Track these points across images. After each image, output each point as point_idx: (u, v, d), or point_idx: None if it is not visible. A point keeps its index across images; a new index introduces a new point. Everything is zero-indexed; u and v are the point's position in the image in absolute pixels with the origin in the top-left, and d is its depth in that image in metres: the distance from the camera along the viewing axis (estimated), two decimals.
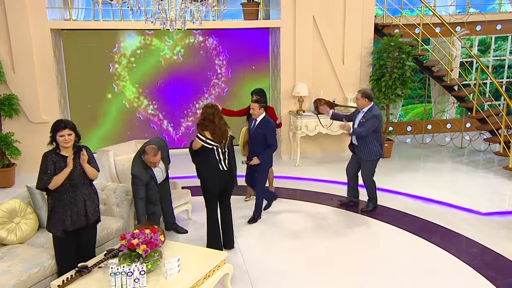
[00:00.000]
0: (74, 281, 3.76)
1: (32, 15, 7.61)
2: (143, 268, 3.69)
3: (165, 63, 9.11)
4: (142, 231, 3.99)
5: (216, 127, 4.78)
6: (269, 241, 5.51)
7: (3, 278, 3.84)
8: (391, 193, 7.17)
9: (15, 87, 7.69)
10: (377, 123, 5.96)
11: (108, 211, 5.20)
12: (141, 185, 4.94)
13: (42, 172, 3.88)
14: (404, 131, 10.58)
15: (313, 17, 8.48)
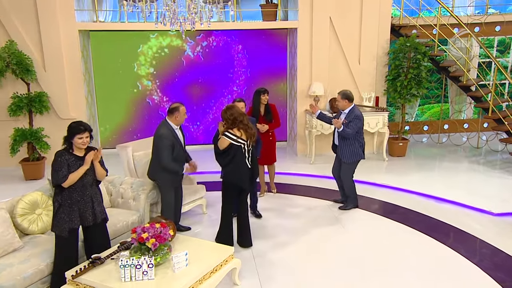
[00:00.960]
0: (87, 271, 3.77)
1: (61, 17, 7.71)
2: (151, 261, 3.67)
3: (187, 62, 9.10)
4: (152, 225, 3.97)
5: (246, 125, 4.74)
6: (280, 237, 5.41)
7: (23, 266, 3.88)
8: (404, 191, 6.96)
9: (46, 85, 7.82)
10: (359, 123, 5.82)
11: (125, 205, 5.21)
12: (168, 146, 4.81)
13: (56, 169, 3.85)
14: (420, 130, 10.28)
15: (329, 18, 8.31)
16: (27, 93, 7.48)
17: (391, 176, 7.70)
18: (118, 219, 4.87)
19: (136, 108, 9.08)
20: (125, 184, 5.29)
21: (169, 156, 4.80)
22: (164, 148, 4.79)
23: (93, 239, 4.19)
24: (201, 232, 5.54)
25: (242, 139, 4.75)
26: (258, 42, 9.23)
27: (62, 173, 3.84)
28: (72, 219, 3.94)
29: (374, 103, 8.57)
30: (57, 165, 3.85)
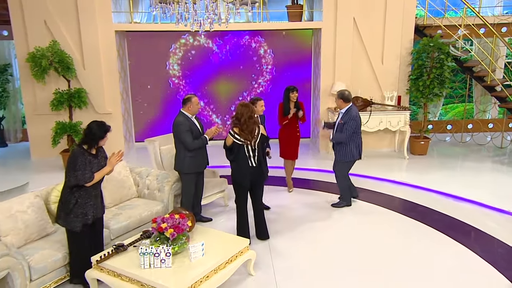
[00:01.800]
0: (110, 257, 3.87)
1: (100, 19, 7.89)
2: (169, 250, 3.72)
3: (215, 61, 9.13)
4: (172, 216, 4.01)
5: (243, 125, 4.65)
6: (298, 231, 5.34)
7: (54, 250, 4.01)
8: (423, 190, 6.74)
9: (85, 82, 8.03)
10: (354, 124, 5.59)
11: (151, 195, 5.30)
12: (186, 131, 4.94)
13: (81, 169, 3.80)
14: (443, 129, 9.93)
15: (353, 18, 8.12)
16: (68, 89, 7.72)
17: (411, 174, 7.48)
18: (143, 209, 4.96)
19: (167, 105, 9.20)
20: (151, 176, 5.37)
21: (190, 138, 4.94)
22: (183, 133, 4.93)
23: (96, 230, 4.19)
24: (221, 223, 5.55)
25: (239, 137, 4.69)
26: (284, 41, 9.14)
27: (88, 173, 3.83)
28: (87, 214, 3.94)
29: (396, 102, 8.33)
30: (81, 165, 3.81)
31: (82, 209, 3.91)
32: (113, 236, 4.52)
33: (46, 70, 7.39)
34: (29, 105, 8.15)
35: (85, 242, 3.99)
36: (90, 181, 3.87)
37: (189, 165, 5.08)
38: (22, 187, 4.41)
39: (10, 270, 3.61)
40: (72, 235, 3.94)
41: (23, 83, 8.07)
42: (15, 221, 4.01)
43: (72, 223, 3.89)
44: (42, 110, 8.02)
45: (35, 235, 4.15)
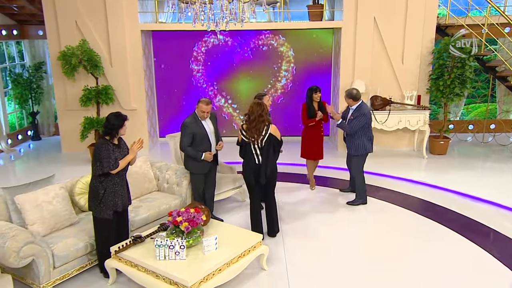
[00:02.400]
0: (129, 248, 3.94)
1: (127, 19, 8.01)
2: (183, 243, 3.76)
3: (237, 60, 9.14)
4: (187, 210, 4.04)
5: (252, 123, 4.63)
6: (312, 228, 5.31)
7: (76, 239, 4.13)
8: (441, 189, 6.56)
9: (112, 79, 8.18)
10: (364, 120, 5.61)
11: (170, 189, 5.36)
12: (188, 134, 4.91)
13: (106, 158, 3.89)
14: (465, 129, 9.61)
15: (374, 18, 7.95)
16: (96, 86, 7.89)
17: (430, 173, 7.29)
18: (162, 202, 5.02)
19: (189, 101, 9.26)
20: (171, 171, 5.43)
21: (186, 142, 4.94)
22: (184, 135, 4.95)
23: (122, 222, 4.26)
24: (236, 219, 5.56)
25: (245, 134, 4.69)
26: (304, 40, 9.06)
27: (113, 160, 3.92)
28: (117, 203, 4.03)
29: (416, 101, 8.12)
30: (105, 154, 3.90)
31: (112, 198, 4.00)
32: (133, 227, 4.60)
33: (75, 68, 7.57)
34: (61, 101, 8.38)
35: (112, 231, 4.09)
36: (114, 168, 3.93)
37: (192, 165, 5.07)
38: (48, 179, 4.51)
39: (35, 257, 3.74)
40: (101, 225, 4.03)
41: (55, 80, 8.31)
42: (41, 211, 4.14)
43: (103, 212, 3.98)
44: (72, 106, 8.23)
45: (60, 225, 4.27)
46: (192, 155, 4.96)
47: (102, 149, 3.92)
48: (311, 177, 6.59)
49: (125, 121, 4.05)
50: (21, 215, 4.09)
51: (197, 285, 3.54)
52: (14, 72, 9.37)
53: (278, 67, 9.20)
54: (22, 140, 9.59)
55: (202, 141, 4.99)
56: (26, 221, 4.07)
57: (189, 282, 3.46)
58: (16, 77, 9.26)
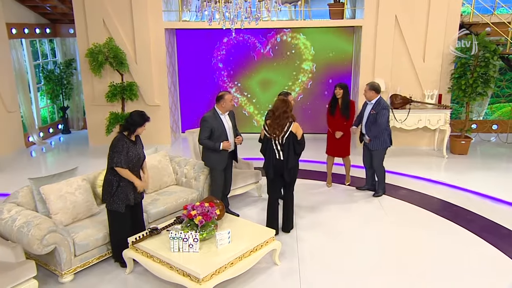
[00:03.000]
0: (145, 239, 4.00)
1: (151, 17, 8.11)
2: (196, 236, 3.79)
3: (258, 58, 9.11)
4: (202, 204, 4.07)
5: (273, 120, 4.61)
6: (327, 225, 5.25)
7: (96, 230, 4.22)
8: (459, 189, 6.38)
9: (136, 76, 8.31)
10: (387, 113, 5.63)
11: (187, 183, 5.41)
12: (206, 128, 4.91)
13: (117, 152, 3.94)
14: (488, 129, 9.29)
15: (395, 16, 7.76)
16: (121, 83, 8.03)
17: (449, 173, 7.09)
18: (180, 196, 5.08)
19: (211, 98, 9.31)
20: (189, 165, 5.48)
21: (204, 135, 4.93)
22: (202, 129, 4.95)
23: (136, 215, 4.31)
24: (252, 214, 5.56)
25: (267, 129, 4.69)
26: (325, 39, 8.94)
27: (123, 161, 3.95)
28: (128, 197, 4.07)
29: (437, 100, 7.90)
30: (119, 149, 3.96)
31: (124, 192, 4.04)
32: (151, 220, 4.68)
33: (102, 65, 7.73)
34: (88, 96, 8.59)
35: (127, 224, 4.14)
36: (119, 167, 3.95)
37: (211, 160, 5.06)
38: (72, 171, 4.63)
39: (57, 245, 3.85)
40: (114, 217, 4.08)
41: (83, 76, 8.51)
42: (64, 201, 4.26)
43: (116, 204, 4.03)
44: (99, 101, 8.41)
45: (81, 215, 4.38)
46: (210, 146, 4.95)
47: (118, 143, 3.98)
48: (328, 174, 6.55)
49: (146, 122, 4.09)
50: (45, 205, 4.22)
51: (209, 277, 3.57)
52: (47, 68, 9.66)
53: (299, 65, 9.12)
54: (53, 133, 9.90)
55: (220, 136, 4.99)
56: (50, 210, 4.19)
57: (201, 274, 3.49)
58: (48, 73, 9.55)
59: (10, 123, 8.20)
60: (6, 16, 8.14)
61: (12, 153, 8.19)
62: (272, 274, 4.18)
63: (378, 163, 5.92)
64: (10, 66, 8.27)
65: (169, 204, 4.88)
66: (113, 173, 4.02)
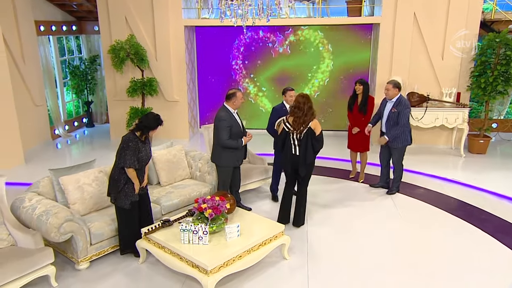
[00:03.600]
0: (157, 230, 4.06)
1: (171, 15, 8.17)
2: (206, 229, 3.81)
3: (276, 55, 9.06)
4: (213, 198, 4.09)
5: (300, 116, 4.61)
6: (338, 221, 5.19)
7: (111, 220, 4.27)
8: (475, 189, 6.20)
9: (156, 72, 8.40)
10: (408, 112, 5.55)
11: (201, 177, 5.44)
12: (226, 127, 4.79)
13: (129, 153, 3.94)
14: (509, 128, 8.97)
15: (413, 14, 7.57)
16: (141, 79, 8.14)
17: (465, 172, 6.90)
18: (193, 189, 5.12)
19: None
20: (203, 160, 5.51)
21: (226, 135, 4.79)
22: (223, 129, 4.78)
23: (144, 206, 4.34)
24: (264, 208, 5.56)
25: (290, 124, 4.68)
26: (342, 36, 8.81)
27: (133, 161, 3.96)
28: (134, 194, 4.09)
29: (455, 98, 7.67)
30: (131, 151, 3.98)
31: (131, 189, 4.06)
32: (164, 212, 4.73)
33: (123, 61, 7.85)
34: (110, 92, 8.74)
35: (133, 217, 4.18)
36: (130, 167, 3.96)
37: (226, 159, 4.94)
38: (90, 163, 4.73)
39: (74, 234, 3.95)
40: (121, 211, 4.12)
41: (106, 72, 8.66)
42: (81, 192, 4.36)
43: (121, 201, 4.06)
44: (120, 96, 8.56)
45: (98, 205, 4.48)
46: (233, 146, 4.86)
47: (129, 144, 3.98)
48: (352, 166, 6.64)
49: (158, 126, 4.11)
50: (64, 195, 4.33)
51: (217, 269, 3.59)
52: (72, 64, 9.88)
53: (316, 62, 9.02)
54: (78, 127, 10.14)
55: (237, 134, 4.93)
56: (69, 200, 4.30)
57: (208, 266, 3.51)
58: (73, 69, 9.77)
59: (37, 116, 8.45)
60: (35, 14, 8.37)
61: (38, 145, 8.44)
62: (280, 268, 4.17)
63: (397, 160, 5.85)
64: (38, 62, 8.51)
65: (182, 197, 4.92)
66: (122, 171, 4.03)
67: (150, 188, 5.09)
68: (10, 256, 3.61)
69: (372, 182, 6.38)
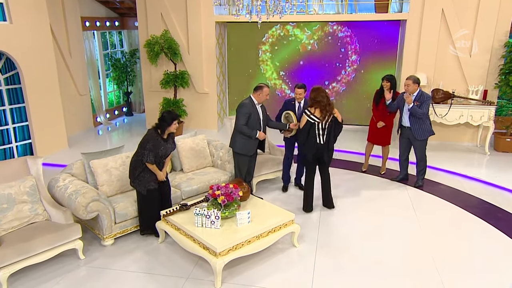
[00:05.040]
0: (175, 213, 4.19)
1: (204, 11, 8.25)
2: (218, 214, 3.88)
3: (303, 50, 8.95)
4: (227, 185, 4.15)
5: (325, 107, 4.72)
6: (352, 213, 5.12)
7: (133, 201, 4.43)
8: (496, 187, 5.88)
9: (188, 65, 8.54)
10: (430, 103, 5.54)
11: (222, 166, 5.52)
12: (245, 113, 4.85)
13: (147, 148, 4.11)
14: None
15: (441, 10, 7.21)
16: (174, 71, 8.31)
17: (488, 170, 6.57)
18: (213, 176, 5.21)
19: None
20: (224, 149, 5.58)
21: (243, 121, 4.85)
22: (241, 115, 4.86)
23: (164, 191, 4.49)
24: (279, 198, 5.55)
25: (316, 116, 4.74)
26: (370, 32, 8.55)
27: (152, 158, 4.14)
28: (150, 182, 4.25)
29: (482, 96, 7.27)
30: (150, 146, 4.14)
31: (145, 178, 4.23)
32: (184, 197, 4.86)
33: (158, 55, 8.05)
34: (146, 83, 8.99)
35: (152, 202, 4.31)
36: (149, 163, 4.14)
37: (240, 146, 4.99)
38: (119, 148, 4.93)
39: (99, 212, 4.15)
40: (140, 195, 4.29)
41: (143, 65, 8.91)
42: (109, 175, 4.56)
43: (138, 186, 4.25)
44: (155, 88, 8.79)
45: (123, 188, 4.66)
46: (247, 133, 4.92)
47: (150, 140, 4.15)
48: (366, 159, 6.52)
49: (174, 120, 4.22)
50: (94, 177, 4.55)
51: (226, 252, 3.66)
52: (114, 57, 10.24)
53: (343, 57, 8.83)
54: (118, 115, 10.53)
55: (255, 124, 4.97)
56: (97, 182, 4.51)
57: (218, 248, 3.59)
58: (115, 61, 10.13)
59: (81, 105, 8.85)
60: (81, 10, 8.72)
61: (82, 131, 8.87)
62: (289, 255, 4.18)
63: (421, 152, 5.73)
64: (83, 55, 8.88)
65: (202, 183, 5.02)
66: (138, 161, 4.21)
67: (174, 173, 5.26)
68: (44, 229, 3.86)
69: (392, 176, 6.21)
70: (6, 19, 6.31)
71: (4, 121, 6.61)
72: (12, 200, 3.87)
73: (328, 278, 3.79)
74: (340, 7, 8.60)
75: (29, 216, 3.95)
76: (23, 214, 3.91)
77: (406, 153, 5.89)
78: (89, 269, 3.93)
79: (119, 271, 3.90)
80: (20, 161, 4.20)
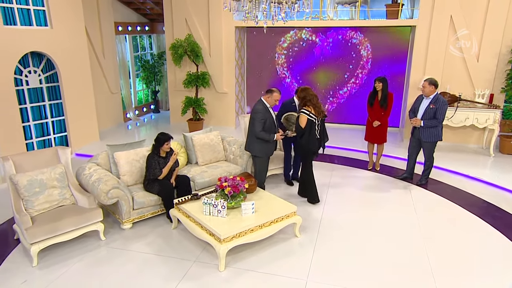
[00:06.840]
0: (186, 202, 4.30)
1: (224, 17, 8.34)
2: (224, 204, 3.95)
3: (317, 53, 8.89)
4: (234, 178, 4.23)
5: (317, 105, 4.81)
6: (356, 208, 5.08)
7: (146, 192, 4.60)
8: (498, 188, 5.69)
9: (209, 67, 8.66)
10: (446, 108, 5.22)
11: (234, 160, 5.59)
12: (260, 119, 4.79)
13: (154, 167, 4.52)
14: None
15: (450, 16, 7.00)
16: (196, 72, 8.45)
17: (491, 171, 6.35)
18: (225, 170, 5.28)
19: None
20: (236, 145, 5.65)
21: (260, 127, 4.82)
22: (257, 121, 4.81)
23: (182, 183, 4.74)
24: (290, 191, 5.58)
25: (313, 114, 4.79)
26: (381, 37, 8.40)
27: (158, 171, 4.54)
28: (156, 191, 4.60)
29: (488, 99, 7.02)
30: (154, 165, 4.54)
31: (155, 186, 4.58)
32: (197, 188, 4.96)
33: (181, 57, 8.19)
34: (171, 83, 9.18)
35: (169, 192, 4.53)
36: (159, 175, 4.52)
37: (259, 149, 4.96)
38: (140, 142, 5.08)
39: (119, 199, 4.31)
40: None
41: (168, 66, 9.10)
42: (131, 166, 4.72)
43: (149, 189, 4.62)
44: (179, 87, 8.96)
45: (143, 179, 4.81)
46: (266, 138, 4.88)
47: (151, 161, 4.56)
48: (370, 158, 6.45)
49: (165, 142, 4.55)
50: (117, 167, 4.72)
51: (229, 239, 3.73)
52: (144, 59, 10.50)
53: (355, 61, 8.72)
54: (146, 112, 10.80)
55: (271, 127, 4.94)
56: (120, 172, 4.68)
57: (222, 235, 3.67)
58: (144, 63, 10.38)
59: (112, 102, 9.14)
60: (115, 16, 8.99)
61: (113, 126, 9.16)
62: (290, 244, 4.21)
63: (429, 153, 5.61)
64: (115, 57, 9.15)
65: (214, 176, 5.10)
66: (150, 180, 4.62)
67: (189, 166, 5.38)
68: (71, 211, 4.05)
69: (394, 174, 6.12)
70: (48, 24, 6.60)
71: (44, 115, 6.92)
72: (44, 185, 4.08)
73: (326, 267, 3.80)
74: (354, 13, 8.50)
75: (58, 200, 4.15)
76: (53, 198, 4.12)
77: (415, 153, 5.76)
78: (108, 249, 4.10)
79: (134, 252, 4.05)
80: (51, 150, 4.41)
